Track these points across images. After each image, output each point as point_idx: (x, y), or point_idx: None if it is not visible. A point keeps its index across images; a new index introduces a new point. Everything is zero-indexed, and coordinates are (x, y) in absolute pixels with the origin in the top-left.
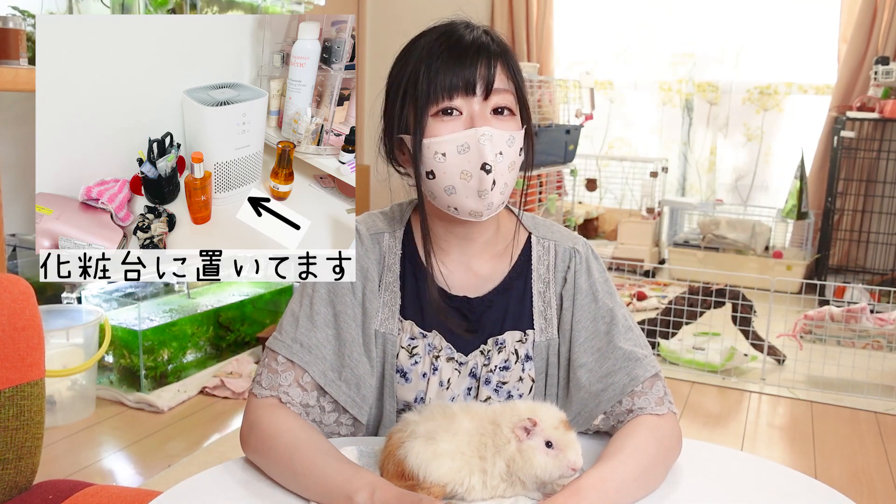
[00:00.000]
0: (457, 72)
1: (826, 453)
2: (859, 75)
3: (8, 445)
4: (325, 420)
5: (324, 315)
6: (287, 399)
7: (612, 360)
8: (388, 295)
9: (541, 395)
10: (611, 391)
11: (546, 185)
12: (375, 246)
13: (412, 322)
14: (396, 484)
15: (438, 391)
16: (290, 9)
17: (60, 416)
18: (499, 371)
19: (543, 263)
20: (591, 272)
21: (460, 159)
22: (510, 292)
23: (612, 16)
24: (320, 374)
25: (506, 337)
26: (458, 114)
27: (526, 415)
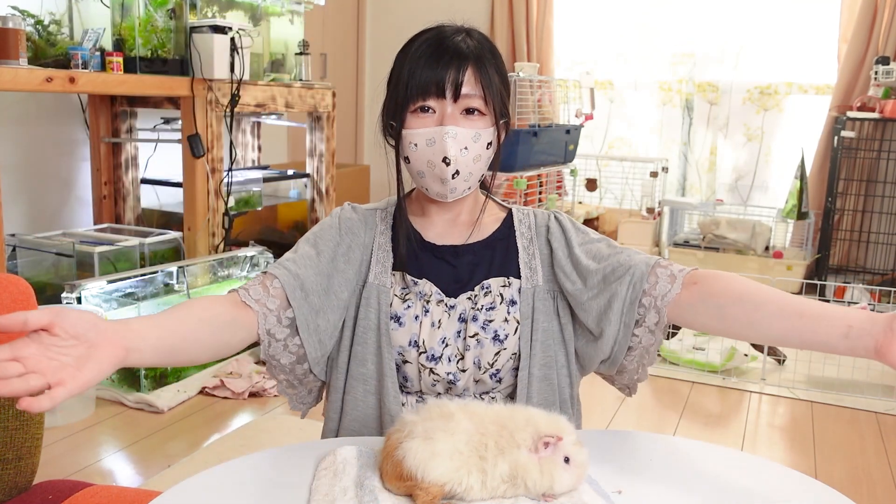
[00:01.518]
0: (430, 76)
1: (826, 453)
2: (859, 75)
3: (8, 445)
4: (278, 334)
5: (304, 251)
6: (244, 294)
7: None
8: (381, 253)
9: (527, 337)
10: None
11: (546, 185)
12: (368, 217)
13: (404, 273)
14: (395, 485)
15: (430, 331)
16: (291, 9)
17: (60, 416)
18: (485, 310)
19: (525, 224)
20: (572, 220)
21: (428, 151)
22: (496, 248)
23: (612, 16)
24: (289, 285)
25: (490, 282)
26: (433, 112)
27: (546, 428)
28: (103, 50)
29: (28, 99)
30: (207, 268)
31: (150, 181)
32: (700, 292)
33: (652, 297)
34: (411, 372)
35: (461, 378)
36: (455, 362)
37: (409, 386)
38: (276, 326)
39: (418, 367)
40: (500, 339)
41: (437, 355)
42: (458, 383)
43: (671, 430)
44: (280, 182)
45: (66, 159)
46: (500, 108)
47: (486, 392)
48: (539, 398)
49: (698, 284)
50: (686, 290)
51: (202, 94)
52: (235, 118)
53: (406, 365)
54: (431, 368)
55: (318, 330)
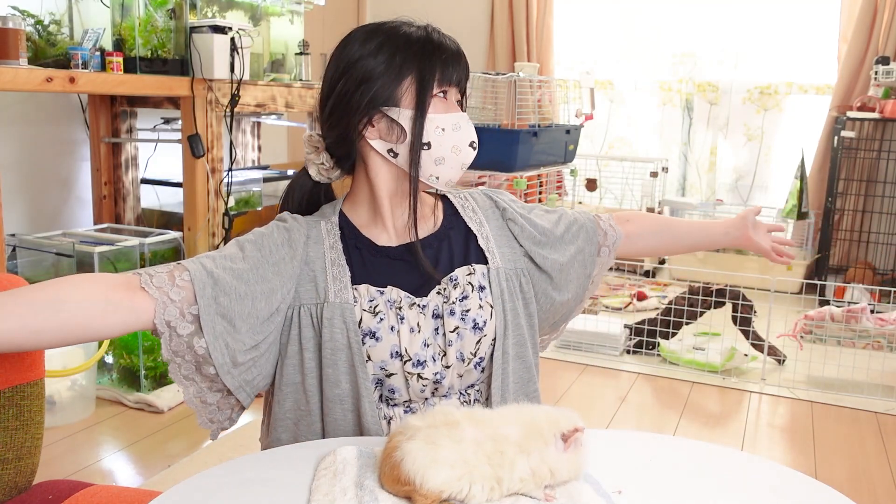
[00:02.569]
0: (454, 63)
1: (826, 453)
2: (859, 75)
3: (8, 445)
4: (180, 328)
5: (229, 252)
6: (146, 279)
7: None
8: (336, 269)
9: (501, 317)
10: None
11: (546, 185)
12: (311, 228)
13: (367, 285)
14: (393, 488)
15: (410, 338)
16: (291, 9)
17: (60, 416)
18: (459, 302)
19: (469, 208)
20: (501, 192)
21: (454, 136)
22: (450, 237)
23: (612, 16)
24: (199, 279)
25: (457, 273)
26: (446, 98)
27: (565, 422)
28: (103, 50)
29: (28, 99)
30: None
31: (150, 181)
32: (638, 226)
33: (606, 246)
34: (397, 383)
35: (446, 375)
36: (439, 360)
37: (395, 398)
38: (179, 320)
39: (404, 375)
40: (479, 326)
41: (421, 360)
42: (443, 381)
43: (671, 430)
44: (280, 182)
45: (66, 159)
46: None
47: (471, 385)
48: (515, 377)
49: (631, 222)
50: (626, 228)
51: (202, 94)
52: (235, 118)
53: (390, 378)
54: (419, 374)
55: (224, 334)
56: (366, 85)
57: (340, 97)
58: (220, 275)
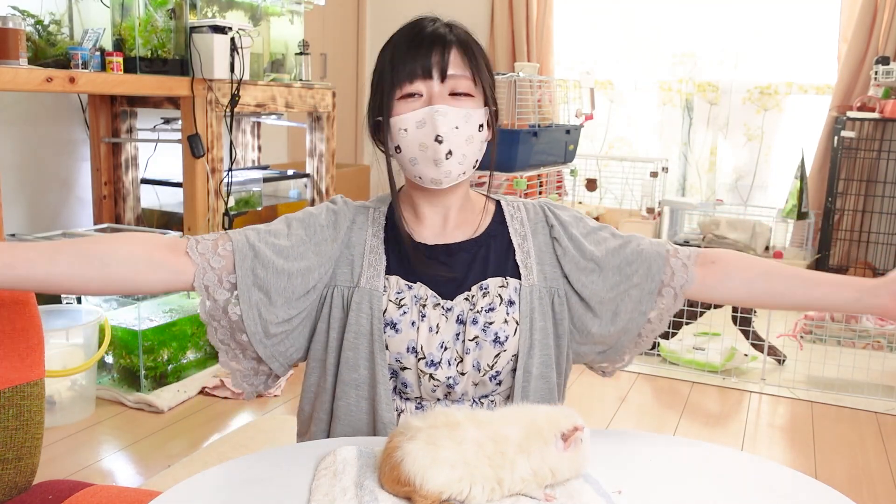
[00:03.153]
0: (415, 59)
1: (826, 453)
2: (859, 75)
3: (8, 445)
4: (217, 294)
5: (276, 228)
6: (191, 244)
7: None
8: (373, 257)
9: (526, 336)
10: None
11: (546, 185)
12: (359, 214)
13: (398, 277)
14: (393, 488)
15: (428, 336)
16: (291, 9)
17: (60, 416)
18: (485, 312)
19: (517, 220)
20: (566, 209)
21: (419, 133)
22: (490, 246)
23: (612, 16)
24: (240, 250)
25: (489, 282)
26: (420, 96)
27: (565, 421)
28: (103, 50)
29: (28, 99)
30: None
31: (150, 181)
32: (725, 271)
33: (671, 287)
34: (410, 378)
35: (460, 381)
36: (455, 366)
37: (407, 392)
38: (216, 286)
39: (417, 373)
40: (500, 341)
41: (436, 360)
42: (456, 387)
43: (671, 430)
44: (280, 182)
45: (66, 159)
46: (490, 93)
47: (486, 395)
48: (536, 397)
49: (717, 264)
50: (704, 270)
51: (202, 94)
52: (235, 118)
53: (404, 371)
54: (431, 374)
55: (259, 305)
56: (372, 93)
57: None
58: (261, 248)
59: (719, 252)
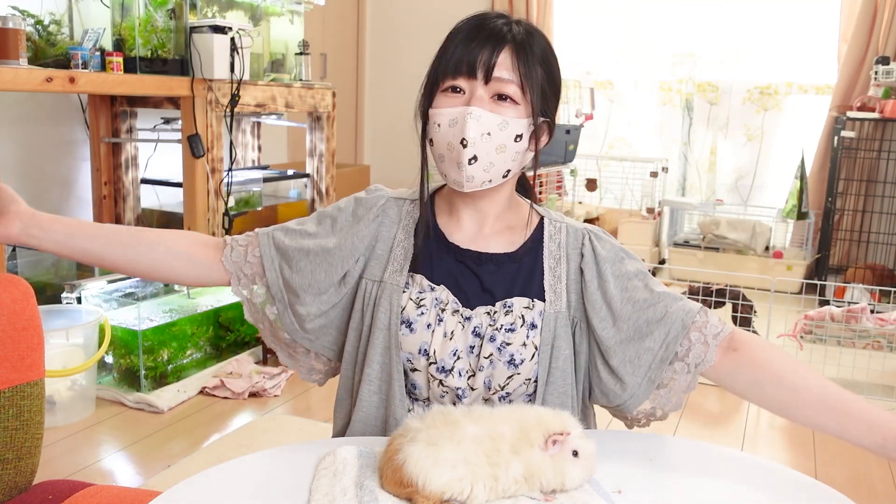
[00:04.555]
0: (464, 55)
1: (826, 454)
2: (859, 75)
3: (8, 445)
4: (254, 298)
5: (306, 227)
6: (227, 250)
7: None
8: (399, 251)
9: (545, 364)
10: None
11: (546, 185)
12: (391, 207)
13: (423, 276)
14: (394, 490)
15: (442, 342)
16: (291, 9)
17: (60, 416)
18: (504, 331)
19: (555, 241)
20: (610, 242)
21: (449, 132)
22: (522, 263)
23: (612, 16)
24: (269, 259)
25: (514, 301)
26: (462, 93)
27: (555, 424)
28: (103, 50)
29: (28, 99)
30: None
31: (150, 181)
32: (740, 362)
33: (685, 363)
34: (420, 380)
35: (469, 395)
36: (466, 378)
37: (417, 393)
38: (251, 291)
39: (427, 376)
40: (514, 363)
41: (447, 367)
42: (464, 399)
43: (671, 430)
44: (280, 182)
45: (66, 159)
46: (540, 104)
47: None
48: None
49: (738, 352)
50: (724, 357)
51: (202, 94)
52: (235, 118)
53: (415, 373)
54: (441, 380)
55: (290, 304)
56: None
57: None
58: (288, 249)
59: (749, 339)
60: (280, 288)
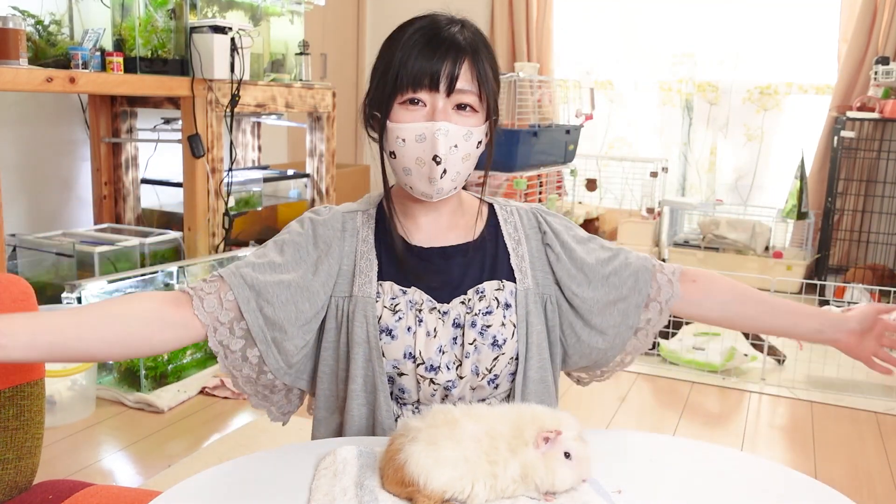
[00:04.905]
0: (425, 67)
1: (826, 453)
2: (859, 75)
3: (8, 445)
4: (232, 345)
5: (270, 258)
6: (197, 303)
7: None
8: (364, 263)
9: (524, 340)
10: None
11: (546, 185)
12: (347, 221)
13: (392, 282)
14: (396, 489)
15: (426, 341)
16: (291, 9)
17: (60, 416)
18: (483, 315)
19: (510, 224)
20: (557, 216)
21: (417, 147)
22: (485, 249)
23: (613, 16)
24: (243, 299)
25: (485, 285)
26: (423, 105)
27: (550, 423)
28: (103, 50)
29: (28, 99)
30: (207, 268)
31: (151, 181)
32: (703, 291)
33: (658, 302)
34: (408, 383)
35: (458, 385)
36: (454, 370)
37: (405, 397)
38: (230, 339)
39: (416, 378)
40: (498, 344)
41: (435, 365)
42: (453, 391)
43: (671, 430)
44: (280, 182)
45: (67, 159)
46: (493, 104)
47: (483, 399)
48: (534, 400)
49: (697, 283)
50: (686, 287)
51: (202, 94)
52: (235, 118)
53: (402, 377)
54: (432, 379)
55: (276, 341)
56: (370, 86)
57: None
58: (262, 285)
59: (699, 271)
60: (261, 328)
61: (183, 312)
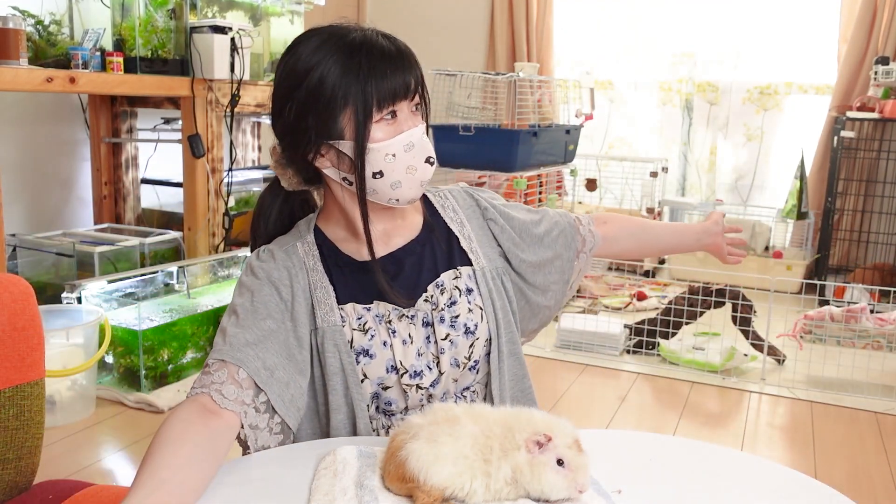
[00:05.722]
0: (397, 79)
1: (826, 453)
2: (859, 75)
3: (8, 445)
4: (259, 424)
5: (250, 321)
6: (219, 398)
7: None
8: (320, 292)
9: (492, 318)
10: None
11: (546, 185)
12: (290, 256)
13: (353, 303)
14: (397, 486)
15: (404, 350)
16: (291, 9)
17: (60, 416)
18: (448, 307)
19: (449, 208)
20: (483, 190)
21: (407, 157)
22: (432, 241)
23: (612, 16)
24: (255, 371)
25: (442, 277)
26: (393, 116)
27: (542, 428)
28: (103, 50)
29: (28, 99)
30: (207, 268)
31: (151, 181)
32: (616, 228)
33: (584, 252)
34: (394, 395)
35: (440, 381)
36: (435, 368)
37: (392, 409)
38: (256, 416)
39: (402, 388)
40: (471, 330)
41: (418, 370)
42: (436, 387)
43: (671, 430)
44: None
45: (67, 159)
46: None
47: (467, 387)
48: (510, 374)
49: (608, 224)
50: (601, 229)
51: (202, 94)
52: (235, 118)
53: (387, 391)
54: (417, 384)
55: (293, 400)
56: (310, 115)
57: (288, 123)
58: (265, 353)
59: (605, 215)
60: (280, 394)
61: (213, 420)
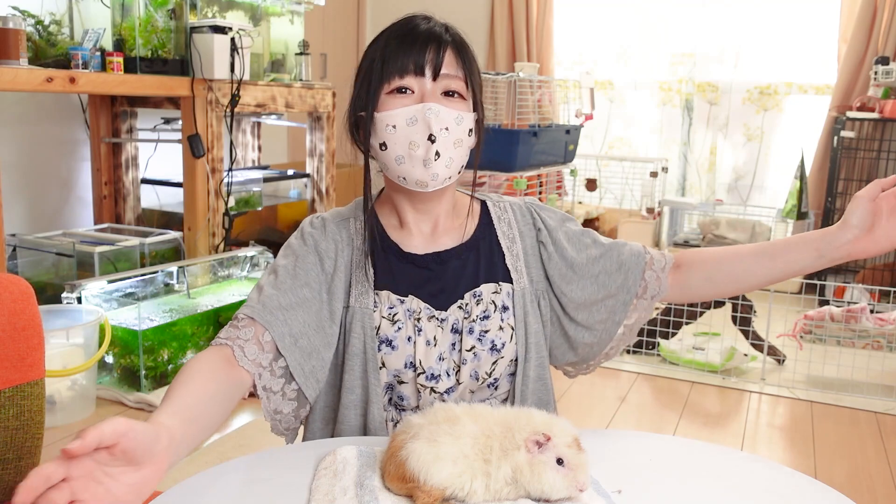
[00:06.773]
0: (409, 54)
1: (826, 453)
2: (859, 75)
3: (8, 445)
4: (274, 387)
5: (288, 285)
6: (240, 355)
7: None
8: (359, 273)
9: (522, 342)
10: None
11: (546, 185)
12: (341, 231)
13: (388, 291)
14: (397, 486)
15: (426, 351)
16: (291, 9)
17: (60, 416)
18: (480, 320)
19: (504, 221)
20: (552, 210)
21: (409, 131)
22: (479, 250)
23: (612, 16)
24: (280, 336)
25: (482, 289)
26: (411, 92)
27: (542, 427)
28: (103, 50)
29: (28, 99)
30: (207, 268)
31: (151, 181)
32: (687, 273)
33: (644, 298)
34: (408, 391)
35: (456, 390)
36: (453, 376)
37: (404, 404)
38: (271, 380)
39: (416, 387)
40: (497, 348)
41: (436, 374)
42: (451, 395)
43: (671, 430)
44: (280, 182)
45: (67, 159)
46: (479, 97)
47: (483, 400)
48: (534, 398)
49: (681, 268)
50: (673, 280)
51: (202, 94)
52: (235, 118)
53: (402, 385)
54: (432, 387)
55: (313, 371)
56: (352, 93)
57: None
58: (294, 319)
59: (685, 254)
60: (300, 364)
61: (233, 371)
